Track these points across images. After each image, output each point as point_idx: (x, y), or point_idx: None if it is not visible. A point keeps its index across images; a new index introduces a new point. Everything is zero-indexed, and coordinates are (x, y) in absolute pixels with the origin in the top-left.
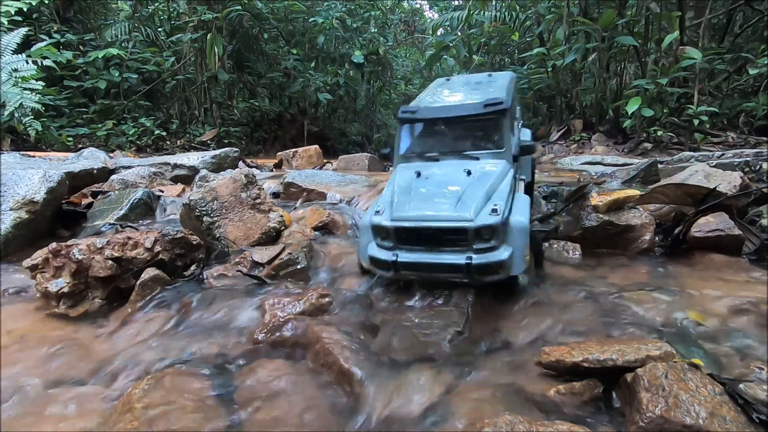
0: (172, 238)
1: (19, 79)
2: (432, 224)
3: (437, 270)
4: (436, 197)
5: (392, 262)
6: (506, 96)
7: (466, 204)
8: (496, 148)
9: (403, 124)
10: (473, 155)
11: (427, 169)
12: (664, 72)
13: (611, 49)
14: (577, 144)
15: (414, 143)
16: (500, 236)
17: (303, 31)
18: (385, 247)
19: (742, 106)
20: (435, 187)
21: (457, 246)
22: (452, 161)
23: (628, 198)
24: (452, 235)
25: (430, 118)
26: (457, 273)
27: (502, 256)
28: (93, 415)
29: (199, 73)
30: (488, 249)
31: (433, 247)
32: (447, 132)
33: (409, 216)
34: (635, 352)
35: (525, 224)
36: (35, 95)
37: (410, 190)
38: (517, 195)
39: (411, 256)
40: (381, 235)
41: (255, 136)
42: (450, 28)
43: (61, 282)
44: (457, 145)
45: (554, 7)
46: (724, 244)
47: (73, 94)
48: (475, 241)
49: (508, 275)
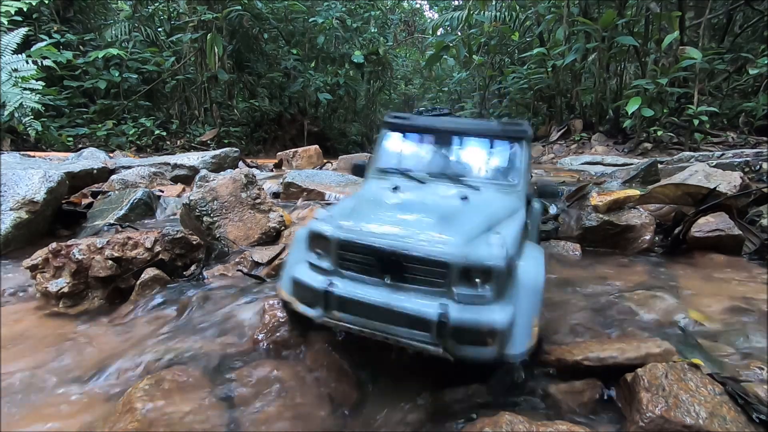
0: (172, 238)
1: (19, 79)
2: (395, 246)
3: (389, 319)
4: (414, 213)
5: (323, 292)
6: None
7: (454, 227)
8: (506, 180)
9: (389, 132)
10: (473, 184)
11: (408, 187)
12: (664, 72)
13: (611, 49)
14: (577, 144)
15: (397, 157)
16: (500, 285)
17: (303, 31)
18: (320, 270)
19: (742, 106)
20: (416, 202)
21: (428, 286)
22: (445, 185)
23: (628, 198)
24: (424, 268)
25: (426, 128)
26: (421, 331)
27: (498, 318)
28: (93, 415)
29: (199, 73)
30: (477, 300)
31: (393, 282)
32: (443, 150)
33: (364, 229)
34: (635, 350)
35: (539, 281)
36: (35, 95)
37: (380, 201)
38: (530, 244)
39: (354, 289)
40: (318, 249)
41: (255, 136)
42: (450, 28)
43: (61, 282)
44: (454, 169)
45: (554, 7)
46: (724, 244)
47: (73, 94)
48: (459, 283)
49: (502, 354)
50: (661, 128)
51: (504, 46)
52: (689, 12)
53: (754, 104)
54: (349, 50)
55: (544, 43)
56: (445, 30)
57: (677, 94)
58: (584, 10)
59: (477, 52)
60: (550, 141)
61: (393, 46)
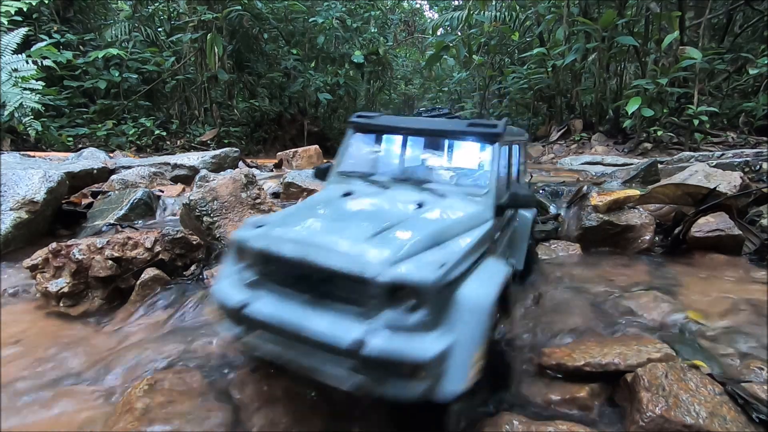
0: (172, 238)
1: (19, 79)
2: (316, 260)
3: (303, 345)
4: (350, 223)
5: (236, 310)
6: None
7: (387, 241)
8: (474, 187)
9: (355, 133)
10: (438, 190)
11: (364, 192)
12: (664, 72)
13: (611, 49)
14: (577, 144)
15: (361, 160)
16: (435, 310)
17: (303, 31)
18: (243, 284)
19: (742, 106)
20: (358, 212)
21: (351, 306)
22: (406, 191)
23: (628, 198)
24: (346, 287)
25: (392, 128)
26: (336, 360)
27: (427, 350)
28: (93, 415)
29: (199, 73)
30: (406, 327)
31: (314, 301)
32: (410, 152)
33: (284, 238)
34: (636, 356)
35: (485, 305)
36: (35, 95)
37: (321, 208)
38: (488, 261)
39: (272, 308)
40: (243, 261)
41: (255, 136)
42: (450, 28)
43: (61, 282)
44: (420, 173)
45: (554, 7)
46: (724, 244)
47: (73, 94)
48: (386, 306)
49: (432, 393)
50: (661, 128)
51: (504, 46)
52: (689, 12)
53: (754, 104)
54: (349, 50)
55: (544, 43)
56: (445, 30)
57: (677, 94)
58: (584, 10)
59: (477, 52)
60: (550, 141)
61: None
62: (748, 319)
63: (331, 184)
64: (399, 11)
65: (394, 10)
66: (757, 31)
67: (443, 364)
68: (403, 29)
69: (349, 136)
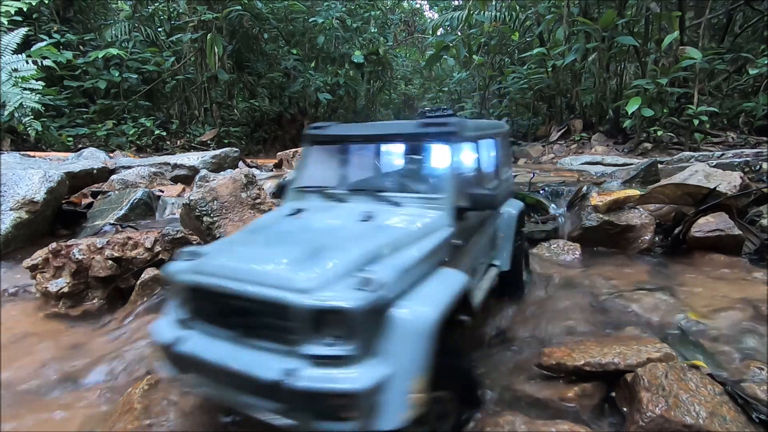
0: (172, 238)
1: (19, 79)
2: (237, 289)
3: (234, 383)
4: (282, 247)
5: (166, 347)
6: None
7: (316, 263)
8: (431, 192)
9: (310, 146)
10: (394, 198)
11: (314, 209)
12: (664, 72)
13: (611, 49)
14: (577, 144)
15: (318, 174)
16: (364, 337)
17: (303, 31)
18: (179, 321)
19: (742, 106)
20: (295, 233)
21: (277, 341)
22: (361, 203)
23: (628, 198)
24: (271, 317)
25: (344, 137)
26: (266, 400)
27: (355, 383)
28: (93, 415)
29: (199, 73)
30: (332, 359)
31: (243, 336)
32: (365, 163)
33: (212, 268)
34: (636, 355)
35: (425, 327)
36: (35, 95)
37: (257, 233)
38: (441, 273)
39: (200, 347)
40: (176, 296)
41: (255, 136)
42: (450, 28)
43: (61, 282)
44: (377, 182)
45: (554, 7)
46: (724, 244)
47: (73, 94)
48: (312, 337)
49: (366, 430)
50: (661, 128)
51: (504, 46)
52: (689, 12)
53: (754, 104)
54: (349, 50)
55: (544, 43)
56: (445, 30)
57: (677, 94)
58: (584, 10)
59: (477, 52)
60: (550, 141)
61: (393, 46)
62: (748, 319)
63: (286, 202)
64: (399, 11)
65: (394, 10)
66: (757, 31)
67: (376, 397)
68: (403, 29)
69: (305, 150)
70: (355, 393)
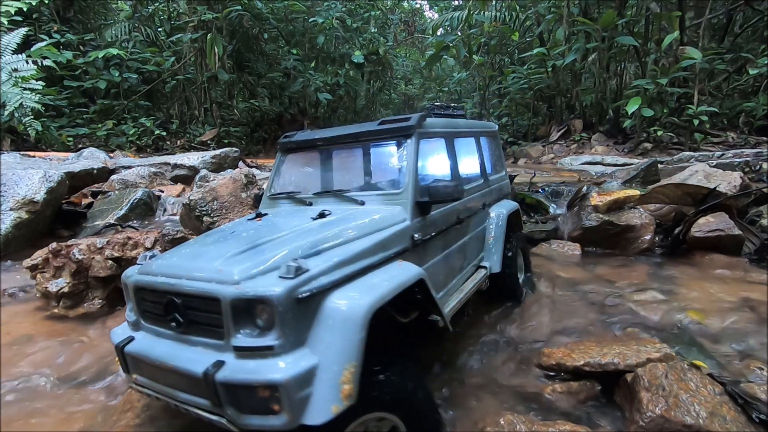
0: (172, 238)
1: (19, 79)
2: (176, 284)
3: (170, 381)
4: (223, 245)
5: (118, 348)
6: None
7: (249, 256)
8: (390, 188)
9: (282, 155)
10: (359, 198)
11: (278, 213)
12: (664, 72)
13: (611, 49)
14: (577, 144)
15: (290, 180)
16: (290, 326)
17: (303, 31)
18: (129, 323)
19: (742, 106)
20: (242, 233)
21: (212, 336)
22: (327, 205)
23: (628, 198)
24: (205, 312)
25: (309, 142)
26: (198, 396)
27: (280, 374)
28: (94, 415)
29: (199, 73)
30: (257, 351)
31: (180, 333)
32: (331, 166)
33: (158, 268)
34: (635, 355)
35: (357, 315)
36: (35, 95)
37: (210, 236)
38: (391, 265)
39: (147, 345)
40: (128, 298)
41: (255, 136)
42: (450, 28)
43: (61, 282)
44: (342, 184)
45: (554, 7)
46: (724, 244)
47: (73, 94)
48: (239, 328)
49: (294, 423)
50: (661, 128)
51: (504, 46)
52: (689, 12)
53: (754, 104)
54: (349, 50)
55: (544, 43)
56: (445, 30)
57: (677, 94)
58: (584, 10)
59: (477, 52)
60: (550, 141)
61: (393, 46)
62: (747, 319)
63: (260, 209)
64: (399, 11)
65: (394, 10)
66: (757, 31)
67: (303, 389)
68: (403, 29)
69: (277, 159)
70: (277, 384)
